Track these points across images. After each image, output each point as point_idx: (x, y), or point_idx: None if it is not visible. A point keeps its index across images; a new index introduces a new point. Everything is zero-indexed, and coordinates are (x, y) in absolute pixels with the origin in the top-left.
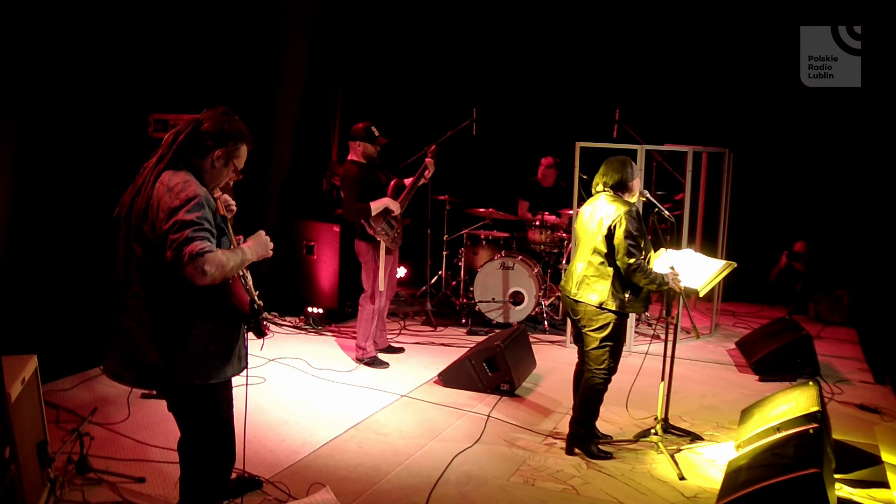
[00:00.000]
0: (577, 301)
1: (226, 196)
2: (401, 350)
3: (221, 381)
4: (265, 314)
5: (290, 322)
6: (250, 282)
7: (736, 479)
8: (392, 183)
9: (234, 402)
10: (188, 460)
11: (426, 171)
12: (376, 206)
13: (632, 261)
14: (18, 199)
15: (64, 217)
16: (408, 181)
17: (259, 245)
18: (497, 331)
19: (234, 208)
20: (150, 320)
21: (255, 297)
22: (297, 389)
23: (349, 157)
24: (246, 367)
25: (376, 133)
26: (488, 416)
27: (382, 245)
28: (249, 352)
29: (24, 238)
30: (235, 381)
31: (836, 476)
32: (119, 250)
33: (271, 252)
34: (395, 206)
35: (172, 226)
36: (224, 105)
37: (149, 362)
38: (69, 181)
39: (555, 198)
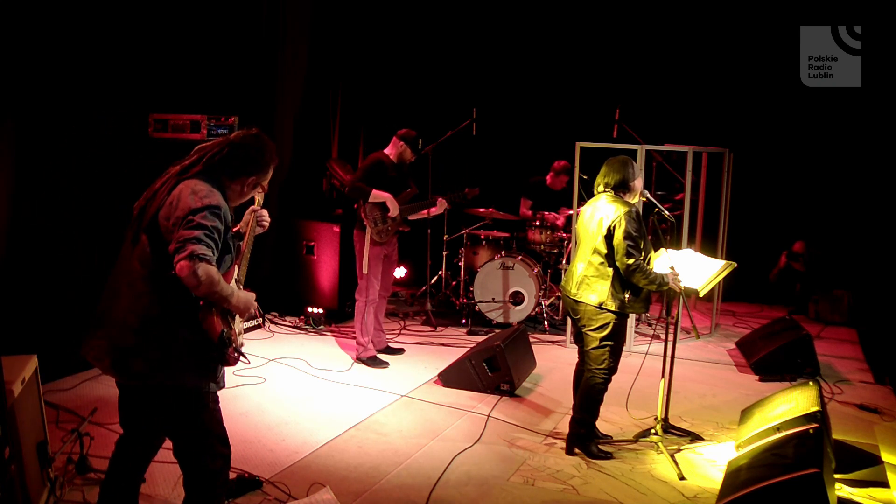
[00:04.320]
0: (577, 301)
1: (263, 211)
2: (401, 351)
3: (199, 390)
4: (238, 345)
5: (290, 322)
6: (238, 325)
7: (736, 479)
8: (407, 191)
9: (235, 401)
10: (182, 462)
11: (432, 209)
12: (377, 195)
13: (631, 261)
14: (19, 198)
15: (64, 217)
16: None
17: (245, 301)
18: (497, 331)
19: (267, 224)
20: (140, 311)
21: (232, 333)
22: (297, 389)
23: (383, 150)
24: (222, 384)
25: (420, 146)
26: (488, 416)
27: (368, 231)
28: (251, 352)
29: (24, 238)
30: (235, 380)
31: (836, 476)
32: (127, 241)
33: (251, 313)
34: (394, 207)
35: (188, 222)
36: (224, 105)
37: (129, 353)
38: (69, 181)
39: (561, 201)
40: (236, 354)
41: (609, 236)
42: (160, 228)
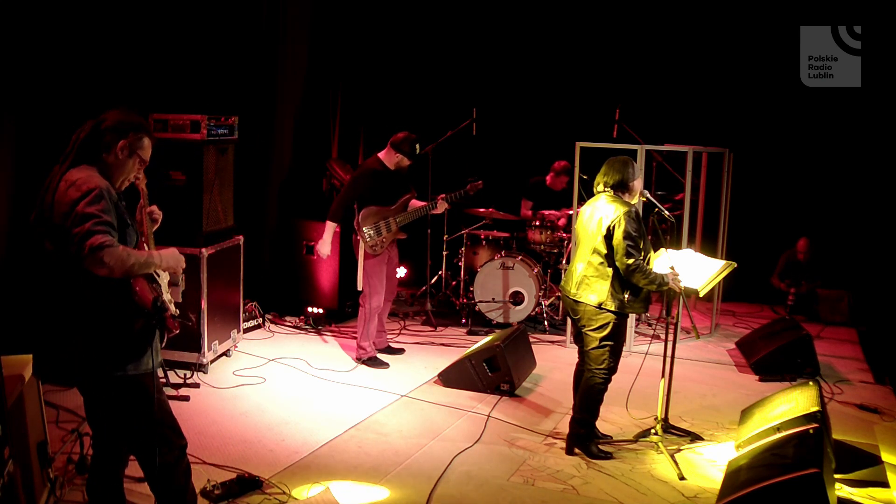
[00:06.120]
0: (576, 301)
1: (153, 207)
2: (401, 351)
3: (141, 374)
4: (172, 311)
5: (290, 322)
6: (164, 282)
7: (736, 479)
8: (405, 197)
9: (235, 401)
10: (139, 458)
11: (434, 209)
12: (330, 234)
13: (630, 261)
14: (18, 198)
15: None
16: (419, 203)
17: (171, 257)
18: (497, 331)
19: (159, 218)
20: (65, 310)
21: (162, 295)
22: (297, 389)
23: (378, 154)
24: (160, 362)
25: (418, 150)
26: (488, 416)
27: (361, 246)
28: (250, 352)
29: (24, 238)
30: (235, 380)
31: (836, 476)
32: (38, 249)
33: (182, 267)
34: (375, 244)
35: (74, 219)
36: (224, 105)
37: (69, 351)
38: None
39: (562, 202)
40: (174, 320)
41: (608, 236)
42: (56, 228)
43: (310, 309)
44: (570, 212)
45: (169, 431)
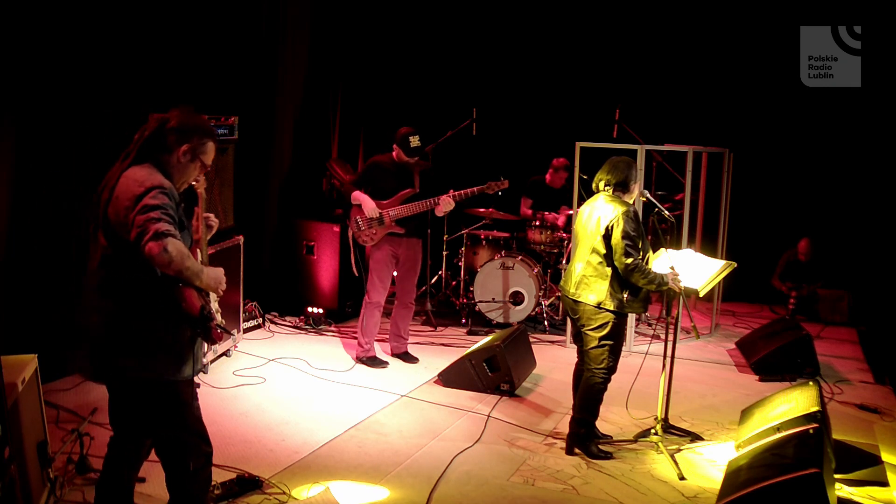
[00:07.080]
0: (575, 301)
1: (209, 214)
2: (415, 360)
3: (178, 380)
4: (218, 321)
5: (290, 322)
6: (211, 298)
7: (736, 479)
8: (404, 192)
9: (235, 401)
10: (165, 462)
11: (437, 208)
12: (358, 197)
13: (629, 261)
14: (19, 197)
15: (64, 216)
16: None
17: (214, 277)
18: (497, 331)
19: (215, 226)
20: (110, 311)
21: (208, 304)
22: (297, 389)
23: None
24: (199, 369)
25: (412, 143)
26: (488, 416)
27: (350, 234)
28: (250, 352)
29: (24, 238)
30: (235, 380)
31: (836, 476)
32: (91, 246)
33: (221, 291)
34: (370, 211)
35: (140, 209)
36: (224, 105)
37: (104, 352)
38: (70, 181)
39: (561, 200)
40: (219, 330)
41: (607, 236)
42: (112, 225)
43: (310, 309)
44: (570, 212)
45: (198, 439)
